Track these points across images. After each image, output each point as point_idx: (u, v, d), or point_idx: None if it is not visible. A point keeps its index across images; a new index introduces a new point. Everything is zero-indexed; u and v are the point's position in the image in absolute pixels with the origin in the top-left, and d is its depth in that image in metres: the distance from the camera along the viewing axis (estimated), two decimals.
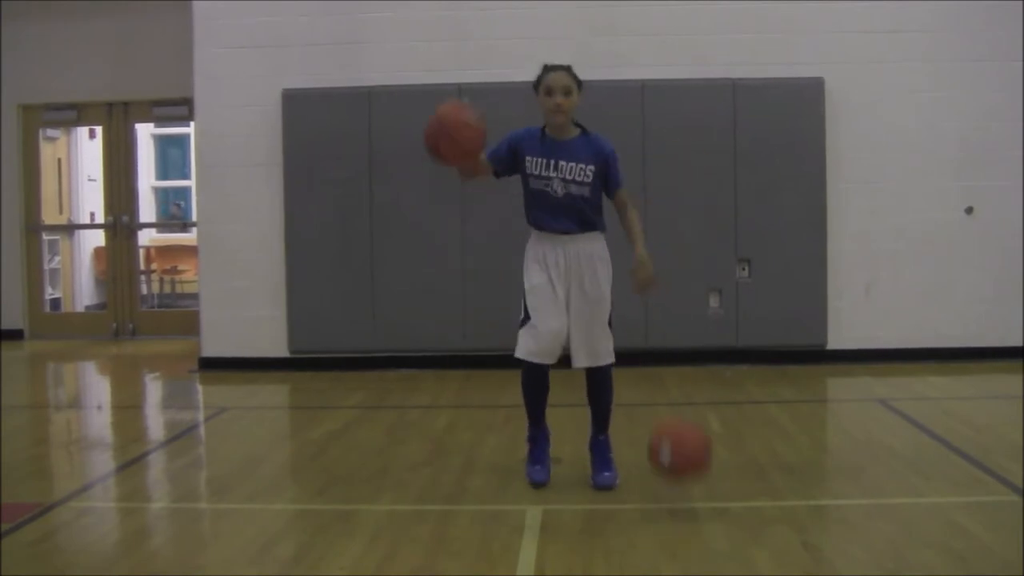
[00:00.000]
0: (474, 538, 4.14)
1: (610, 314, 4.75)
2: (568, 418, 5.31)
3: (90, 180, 12.02)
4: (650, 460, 4.47)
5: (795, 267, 8.27)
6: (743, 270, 8.33)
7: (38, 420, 7.21)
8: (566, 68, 4.67)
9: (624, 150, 4.97)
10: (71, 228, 11.98)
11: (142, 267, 12.01)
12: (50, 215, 11.57)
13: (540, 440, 4.91)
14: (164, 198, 14.32)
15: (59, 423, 7.26)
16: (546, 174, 4.66)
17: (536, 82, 4.68)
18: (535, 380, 4.78)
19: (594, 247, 4.72)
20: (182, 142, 13.63)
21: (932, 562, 3.76)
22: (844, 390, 7.83)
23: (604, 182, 4.71)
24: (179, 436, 6.52)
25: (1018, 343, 8.17)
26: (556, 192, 4.66)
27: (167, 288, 13.11)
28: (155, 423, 7.36)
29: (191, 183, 10.92)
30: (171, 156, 14.49)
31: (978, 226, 8.28)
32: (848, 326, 8.34)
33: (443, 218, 8.32)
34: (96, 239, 12.04)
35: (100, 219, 11.71)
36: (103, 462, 5.88)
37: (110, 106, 11.11)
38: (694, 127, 8.24)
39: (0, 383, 8.38)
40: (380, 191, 8.38)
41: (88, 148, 12.02)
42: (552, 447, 4.97)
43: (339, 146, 8.41)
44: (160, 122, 12.53)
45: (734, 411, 6.74)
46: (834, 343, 8.33)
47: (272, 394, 8.02)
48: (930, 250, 8.31)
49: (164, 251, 13.09)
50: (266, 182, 8.49)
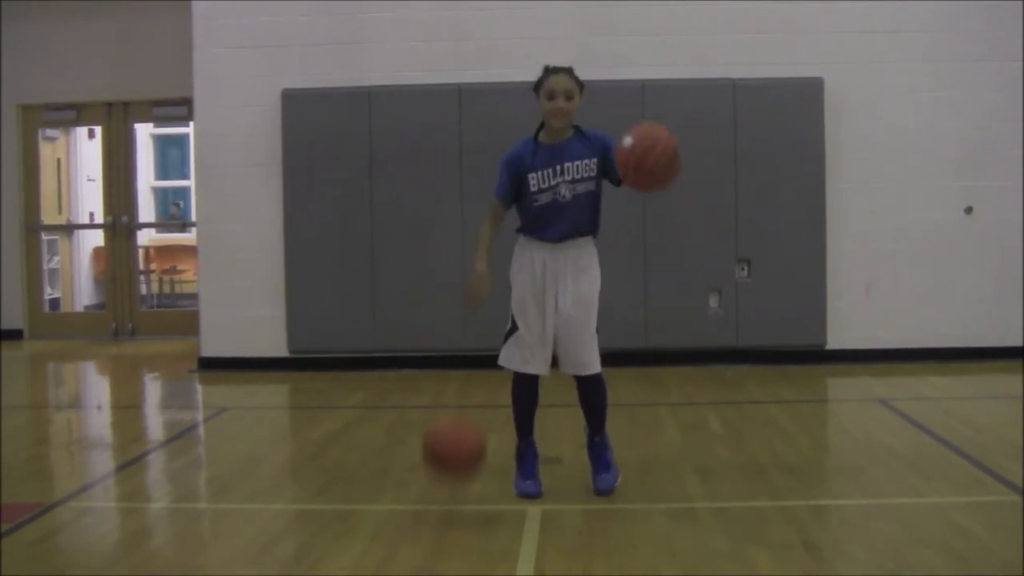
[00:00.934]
0: (474, 538, 4.14)
1: (597, 322, 4.65)
2: (567, 418, 5.30)
3: (89, 180, 12.02)
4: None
5: (795, 267, 8.27)
6: (743, 270, 8.32)
7: (38, 420, 7.21)
8: (568, 71, 4.56)
9: None
10: (70, 228, 11.97)
11: (141, 267, 12.00)
12: (49, 215, 11.56)
13: (528, 455, 4.78)
14: (163, 198, 14.33)
15: (59, 423, 7.26)
16: (552, 183, 4.54)
17: (537, 84, 4.57)
18: (525, 391, 4.70)
19: (582, 252, 4.62)
20: (182, 142, 13.62)
21: (932, 562, 3.76)
22: (844, 390, 7.83)
23: (608, 170, 4.57)
24: (179, 436, 6.52)
25: (1018, 343, 8.17)
26: (564, 197, 4.54)
27: (166, 288, 13.10)
28: (155, 423, 7.36)
29: (190, 183, 10.94)
30: (171, 156, 14.50)
31: (978, 226, 8.28)
32: (848, 326, 8.34)
33: (443, 218, 8.31)
34: (95, 239, 12.04)
35: (99, 219, 11.71)
36: (103, 462, 5.89)
37: (110, 106, 11.10)
38: (694, 127, 8.16)
39: (0, 383, 8.38)
40: (380, 191, 8.38)
41: (87, 148, 12.02)
42: (552, 447, 4.96)
43: (339, 146, 8.40)
44: (160, 122, 12.53)
45: (734, 411, 6.74)
46: (834, 343, 8.33)
47: (272, 394, 8.02)
48: (930, 250, 8.31)
49: (163, 251, 13.08)
50: (266, 182, 8.49)
